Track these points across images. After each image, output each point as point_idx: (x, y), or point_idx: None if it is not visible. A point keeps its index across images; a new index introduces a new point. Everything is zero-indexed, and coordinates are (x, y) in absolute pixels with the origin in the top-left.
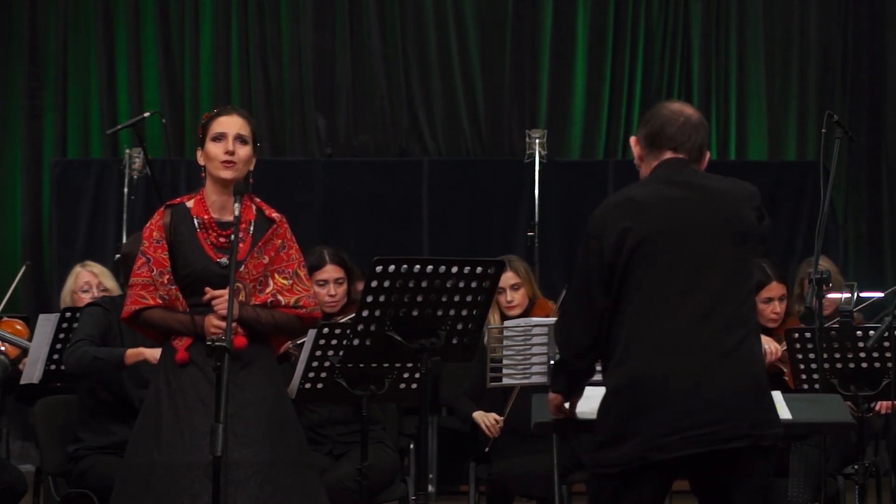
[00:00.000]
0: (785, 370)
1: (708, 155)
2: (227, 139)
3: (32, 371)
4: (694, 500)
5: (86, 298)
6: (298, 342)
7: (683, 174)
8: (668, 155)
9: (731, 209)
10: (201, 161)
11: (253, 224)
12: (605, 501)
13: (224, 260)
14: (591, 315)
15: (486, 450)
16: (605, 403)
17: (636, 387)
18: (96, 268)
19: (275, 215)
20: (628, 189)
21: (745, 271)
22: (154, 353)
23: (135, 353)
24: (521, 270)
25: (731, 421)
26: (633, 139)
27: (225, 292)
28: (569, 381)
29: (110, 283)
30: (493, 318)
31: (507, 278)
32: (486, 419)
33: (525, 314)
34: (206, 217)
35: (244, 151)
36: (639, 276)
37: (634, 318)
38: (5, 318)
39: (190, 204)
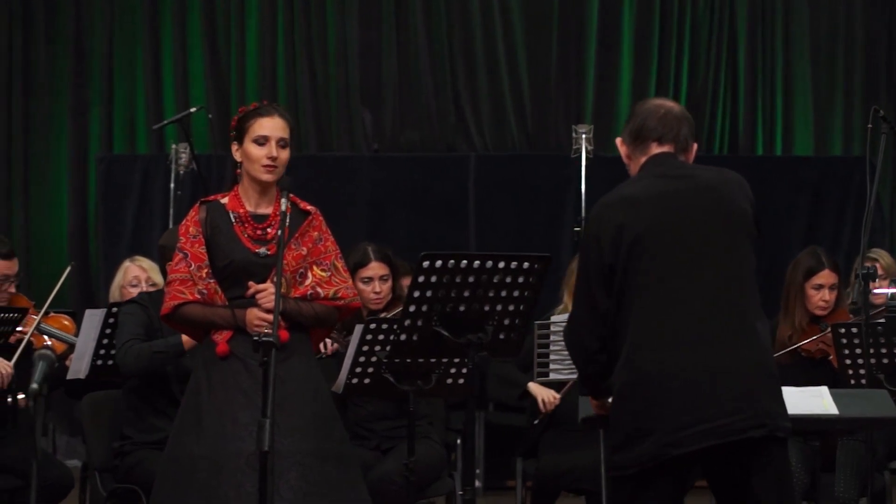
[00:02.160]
0: (831, 354)
1: (695, 147)
2: (271, 144)
3: (79, 366)
4: (705, 494)
5: (134, 293)
6: (349, 338)
7: (672, 166)
8: (654, 149)
9: (724, 197)
10: (238, 158)
11: (288, 217)
12: (626, 503)
13: (262, 250)
14: (595, 317)
15: (535, 422)
16: (617, 404)
17: (646, 384)
18: (145, 262)
19: (309, 208)
20: (620, 187)
21: (745, 259)
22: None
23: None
24: None
25: (745, 411)
26: (618, 140)
27: (268, 286)
28: (589, 387)
29: (159, 277)
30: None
31: None
32: (544, 393)
33: None
34: (241, 211)
35: (285, 155)
36: (639, 272)
37: (638, 316)
38: (52, 314)
39: (224, 200)
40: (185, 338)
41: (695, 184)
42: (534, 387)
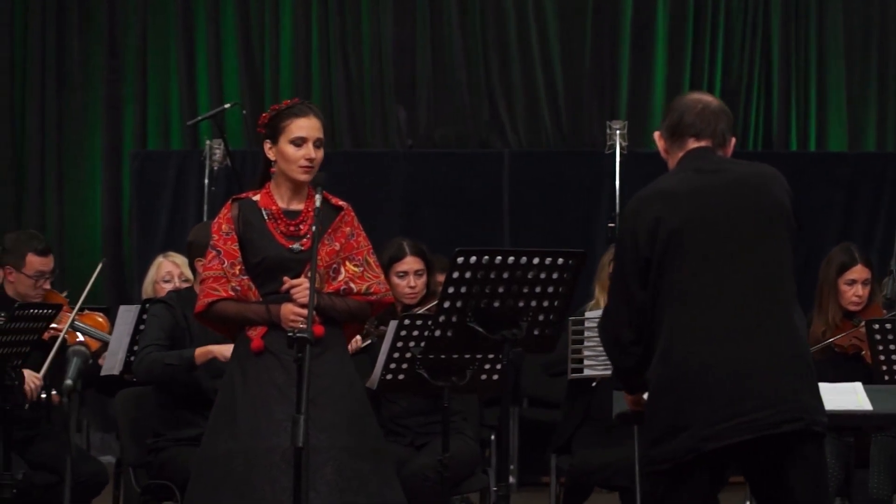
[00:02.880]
0: (864, 350)
1: (733, 141)
2: (308, 145)
3: (113, 362)
4: (741, 490)
5: (167, 289)
6: (382, 328)
7: (709, 161)
8: (692, 144)
9: (761, 191)
10: (272, 156)
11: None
12: (660, 499)
13: (296, 246)
14: (631, 311)
15: (594, 384)
16: (653, 399)
17: (683, 378)
18: (178, 258)
19: (341, 203)
20: (657, 181)
21: (782, 252)
22: (222, 350)
23: (203, 352)
24: None
25: (780, 405)
26: (656, 134)
27: (302, 280)
28: (624, 381)
29: (192, 273)
30: (603, 303)
31: None
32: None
33: None
34: (274, 208)
35: (321, 154)
36: (675, 266)
37: (674, 310)
38: (86, 311)
39: (256, 198)
40: (198, 352)
41: (731, 178)
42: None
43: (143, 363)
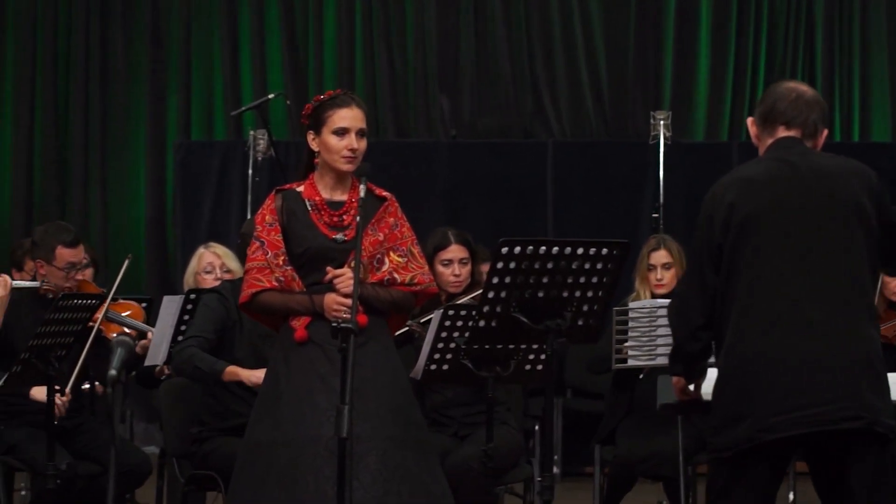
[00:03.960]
0: None
1: (825, 133)
2: (351, 135)
3: (157, 353)
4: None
5: (209, 280)
6: (423, 320)
7: (794, 152)
8: (781, 132)
9: (841, 187)
10: (315, 147)
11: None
12: (721, 486)
13: (339, 236)
14: (703, 295)
15: (641, 376)
16: (718, 385)
17: (747, 367)
18: (220, 249)
19: (385, 194)
20: (740, 168)
21: (856, 249)
22: (249, 375)
23: (232, 373)
24: (675, 251)
25: (841, 402)
26: (749, 119)
27: (346, 270)
28: (685, 364)
29: (234, 264)
30: (643, 294)
31: (660, 256)
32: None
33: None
34: (317, 199)
35: (364, 144)
36: (746, 254)
37: (744, 298)
38: (121, 301)
39: (300, 189)
40: (227, 370)
41: (812, 171)
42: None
43: (181, 354)
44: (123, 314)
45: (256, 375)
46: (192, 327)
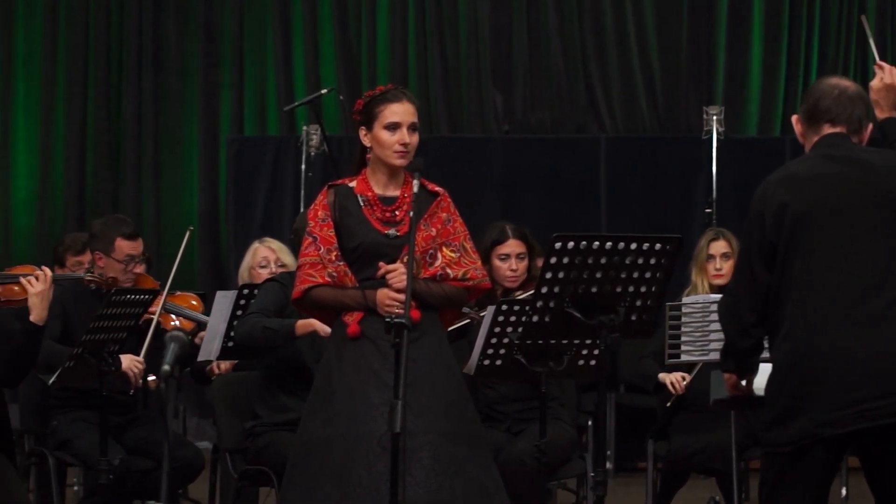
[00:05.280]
0: None
1: (870, 127)
2: (402, 130)
3: (210, 348)
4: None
5: (264, 274)
6: (482, 314)
7: (841, 148)
8: (827, 129)
9: (889, 181)
10: (367, 142)
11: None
12: (775, 480)
13: (392, 231)
14: (754, 292)
15: (668, 405)
16: (774, 380)
17: (804, 362)
18: (274, 244)
19: (437, 189)
20: (788, 166)
21: None
22: (323, 326)
23: (305, 324)
24: (733, 243)
25: None
26: (794, 118)
27: (398, 266)
28: (737, 361)
29: (288, 258)
30: (701, 286)
31: (720, 246)
32: (671, 377)
33: None
34: (370, 194)
35: (416, 139)
36: (800, 251)
37: (799, 294)
38: (179, 293)
39: (352, 184)
40: (299, 323)
41: (860, 166)
42: (662, 376)
43: (244, 325)
44: (182, 306)
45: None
46: (253, 306)
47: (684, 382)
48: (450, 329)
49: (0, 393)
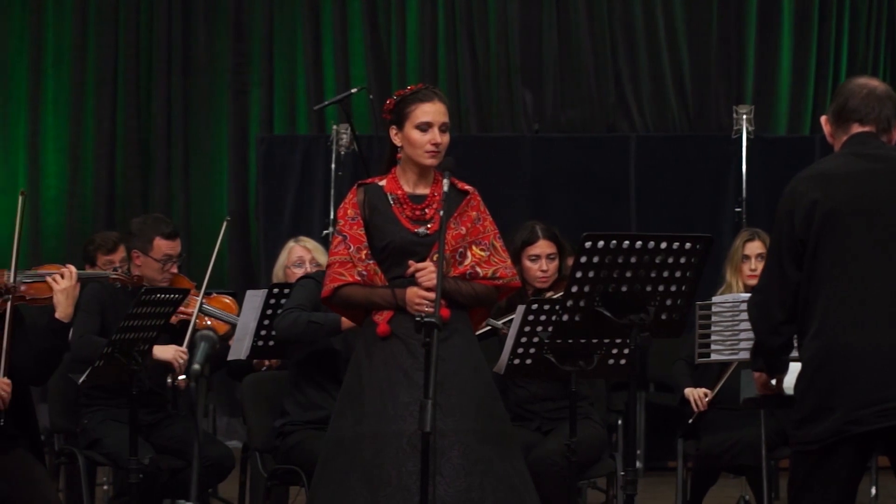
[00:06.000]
0: None
1: None
2: (434, 130)
3: (240, 347)
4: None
5: (298, 273)
6: (505, 320)
7: (870, 147)
8: (856, 128)
9: None
10: (398, 142)
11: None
12: (803, 477)
13: (422, 230)
14: (784, 290)
15: (690, 421)
16: (803, 378)
17: (833, 360)
18: (310, 243)
19: (467, 188)
20: (818, 163)
21: None
22: None
23: None
24: (768, 243)
25: None
26: (823, 118)
27: (428, 264)
28: (767, 359)
29: (323, 258)
30: (735, 286)
31: (755, 247)
32: (695, 393)
33: None
34: (399, 193)
35: (447, 139)
36: (830, 249)
37: (828, 291)
38: (214, 294)
39: (382, 183)
40: (344, 317)
41: (890, 165)
42: (688, 391)
43: (285, 319)
44: (217, 308)
45: None
46: (291, 301)
47: (706, 399)
48: (478, 332)
49: (27, 392)
